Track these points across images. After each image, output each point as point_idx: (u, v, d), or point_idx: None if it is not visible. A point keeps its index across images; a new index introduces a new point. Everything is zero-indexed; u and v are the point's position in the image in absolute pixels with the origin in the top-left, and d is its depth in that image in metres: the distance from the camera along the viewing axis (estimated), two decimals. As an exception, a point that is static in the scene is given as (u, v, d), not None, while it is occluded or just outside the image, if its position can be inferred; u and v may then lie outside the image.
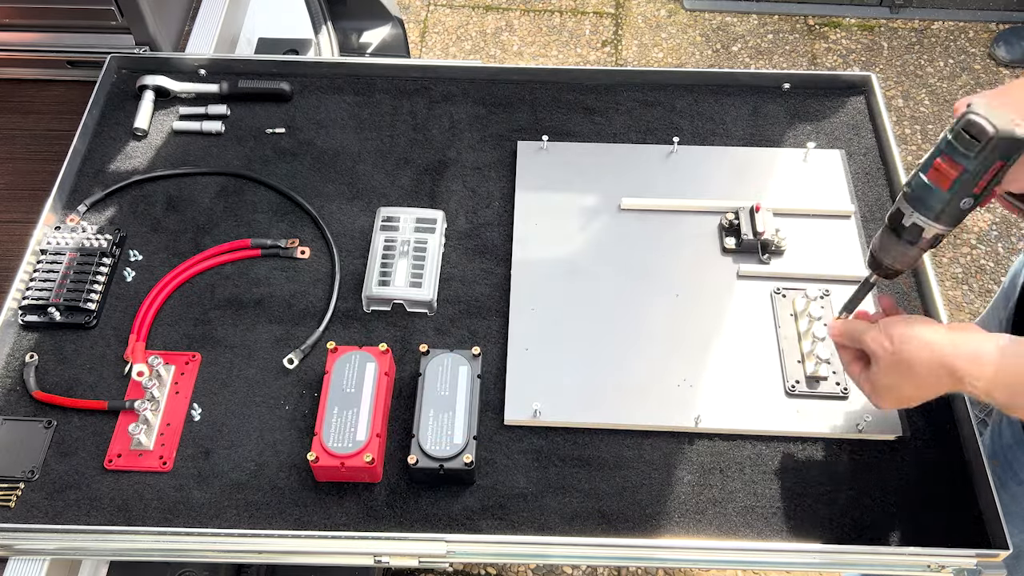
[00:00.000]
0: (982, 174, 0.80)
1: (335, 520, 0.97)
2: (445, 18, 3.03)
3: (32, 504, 0.97)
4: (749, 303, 1.12)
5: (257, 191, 1.24)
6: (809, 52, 2.91)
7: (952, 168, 0.80)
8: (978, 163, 0.79)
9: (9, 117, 1.43)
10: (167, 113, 1.33)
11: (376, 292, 1.11)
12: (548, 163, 1.26)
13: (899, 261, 0.89)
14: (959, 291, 2.35)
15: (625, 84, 1.36)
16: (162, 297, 1.12)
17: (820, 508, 0.97)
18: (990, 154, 0.78)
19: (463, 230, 1.21)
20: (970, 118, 0.78)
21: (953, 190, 0.81)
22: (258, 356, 1.09)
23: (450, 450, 0.96)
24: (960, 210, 0.83)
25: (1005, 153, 0.78)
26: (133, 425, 0.99)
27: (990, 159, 0.79)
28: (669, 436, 1.03)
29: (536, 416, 1.02)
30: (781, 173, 1.25)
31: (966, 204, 0.82)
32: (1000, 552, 0.93)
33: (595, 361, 1.07)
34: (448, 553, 0.95)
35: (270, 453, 1.01)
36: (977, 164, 0.79)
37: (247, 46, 1.65)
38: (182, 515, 0.97)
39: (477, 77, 1.37)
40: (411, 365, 1.07)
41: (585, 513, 0.97)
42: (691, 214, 1.21)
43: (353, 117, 1.33)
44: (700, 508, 0.98)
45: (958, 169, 0.80)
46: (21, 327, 1.10)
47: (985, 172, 0.80)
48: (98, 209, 1.22)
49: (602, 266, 1.16)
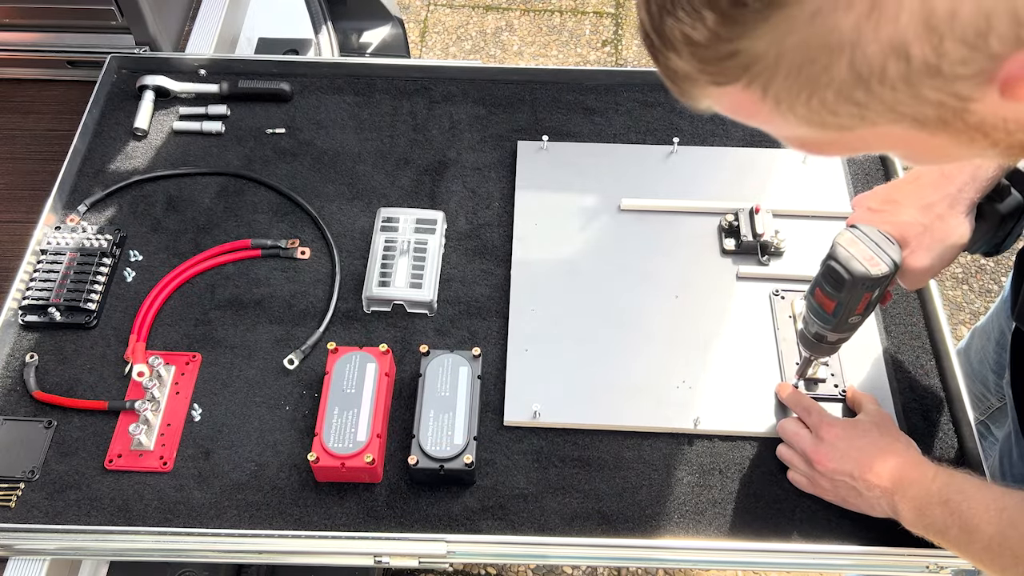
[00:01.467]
0: (855, 304, 0.87)
1: (335, 520, 0.97)
2: (445, 18, 3.03)
3: (32, 504, 0.97)
4: (748, 305, 1.12)
5: (257, 191, 1.25)
6: (809, 52, 2.91)
7: (828, 300, 0.88)
8: (848, 297, 0.86)
9: (9, 117, 1.43)
10: (167, 113, 1.33)
11: (376, 293, 1.11)
12: (548, 163, 1.26)
13: (819, 354, 0.98)
14: (959, 291, 2.36)
15: (625, 84, 1.36)
16: (162, 297, 1.12)
17: (820, 508, 0.97)
18: (854, 291, 0.85)
19: (463, 230, 1.21)
20: (829, 264, 0.85)
21: (837, 315, 0.88)
22: (258, 356, 1.09)
23: (450, 450, 0.96)
24: (851, 324, 0.90)
25: (870, 287, 0.85)
26: (133, 425, 0.99)
27: (858, 294, 0.86)
28: (669, 437, 1.03)
29: (536, 417, 1.02)
30: (781, 174, 1.25)
31: (855, 320, 0.90)
32: (999, 553, 0.93)
33: (595, 362, 1.07)
34: (448, 553, 0.95)
35: (270, 453, 1.01)
36: (847, 298, 0.86)
37: (247, 46, 1.65)
38: (182, 515, 0.97)
39: (477, 77, 1.38)
40: (411, 366, 1.08)
41: (585, 513, 0.97)
42: (691, 215, 1.21)
43: (353, 117, 1.33)
44: (700, 508, 0.98)
45: (834, 302, 0.87)
46: (21, 327, 1.10)
47: (857, 303, 0.87)
48: (98, 209, 1.22)
49: (602, 267, 1.16)
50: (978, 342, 1.31)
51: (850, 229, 0.87)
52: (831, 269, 0.85)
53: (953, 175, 0.90)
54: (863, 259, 0.84)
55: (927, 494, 0.85)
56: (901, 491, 0.87)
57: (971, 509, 0.82)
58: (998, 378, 1.25)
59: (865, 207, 0.93)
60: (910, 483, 0.87)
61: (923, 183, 0.91)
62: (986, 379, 1.28)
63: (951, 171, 0.90)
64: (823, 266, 0.87)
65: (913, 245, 0.88)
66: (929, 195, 0.89)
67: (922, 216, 0.89)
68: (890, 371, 1.06)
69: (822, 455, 0.92)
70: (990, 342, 1.26)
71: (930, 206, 0.89)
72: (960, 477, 0.85)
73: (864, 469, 0.90)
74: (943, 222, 0.88)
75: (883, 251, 0.85)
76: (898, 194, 0.92)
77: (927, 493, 0.85)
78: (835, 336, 0.92)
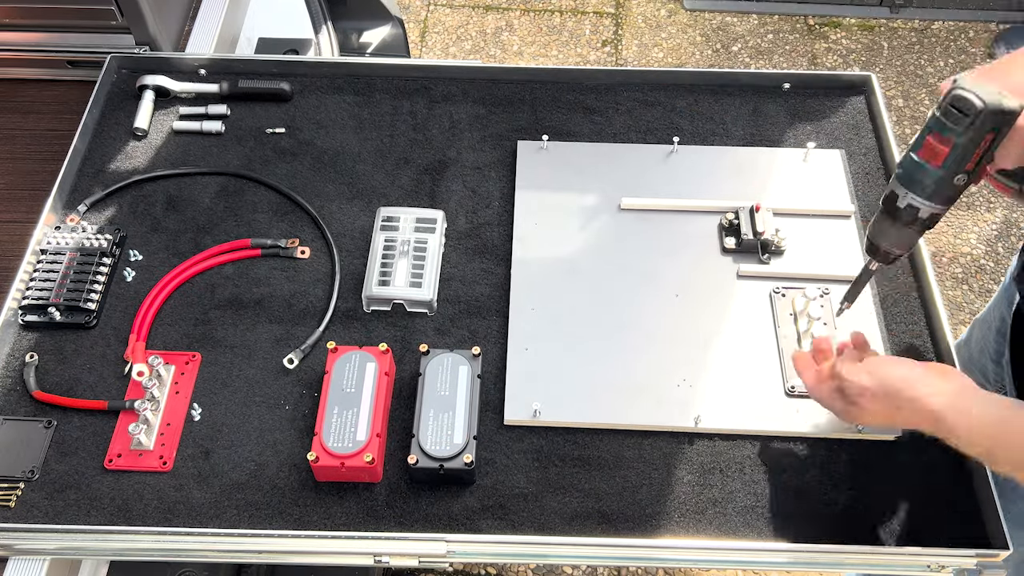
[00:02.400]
0: (973, 148, 0.80)
1: (335, 520, 0.97)
2: (445, 18, 3.03)
3: (32, 504, 0.97)
4: (749, 303, 1.12)
5: (257, 191, 1.24)
6: (809, 52, 2.91)
7: (943, 144, 0.80)
8: (968, 137, 0.79)
9: (9, 117, 1.43)
10: (167, 113, 1.33)
11: (376, 292, 1.11)
12: (548, 163, 1.26)
13: (896, 245, 0.89)
14: (959, 291, 2.35)
15: (625, 84, 1.36)
16: (162, 297, 1.12)
17: (820, 508, 0.97)
18: (980, 127, 0.78)
19: (463, 230, 1.21)
20: (957, 93, 0.78)
21: (945, 167, 0.81)
22: (258, 356, 1.09)
23: (450, 450, 0.96)
24: (954, 187, 0.83)
25: (994, 125, 0.78)
26: (133, 425, 0.99)
27: (980, 132, 0.79)
28: (669, 436, 1.03)
29: (536, 416, 1.02)
30: (781, 173, 1.25)
31: (960, 181, 0.82)
32: (1000, 552, 0.93)
33: (595, 361, 1.07)
34: (448, 553, 0.95)
35: (270, 453, 1.01)
36: (967, 138, 0.79)
37: (247, 46, 1.65)
38: (182, 515, 0.97)
39: (477, 77, 1.37)
40: (411, 365, 1.07)
41: (585, 513, 0.97)
42: (691, 214, 1.21)
43: (353, 117, 1.33)
44: (700, 508, 0.98)
45: (949, 144, 0.80)
46: (21, 327, 1.10)
47: (976, 146, 0.79)
48: (98, 209, 1.22)
49: (602, 266, 1.16)
50: (978, 332, 1.33)
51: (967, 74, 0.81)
52: (959, 98, 0.78)
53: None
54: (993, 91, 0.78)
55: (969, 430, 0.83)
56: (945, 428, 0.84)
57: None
58: (997, 366, 1.26)
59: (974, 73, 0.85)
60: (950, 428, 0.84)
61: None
62: (985, 368, 1.29)
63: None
64: (946, 101, 0.79)
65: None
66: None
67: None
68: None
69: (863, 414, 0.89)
70: (990, 331, 1.27)
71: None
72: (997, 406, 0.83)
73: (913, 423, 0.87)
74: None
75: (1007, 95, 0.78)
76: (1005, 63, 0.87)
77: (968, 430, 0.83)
78: (928, 209, 0.84)
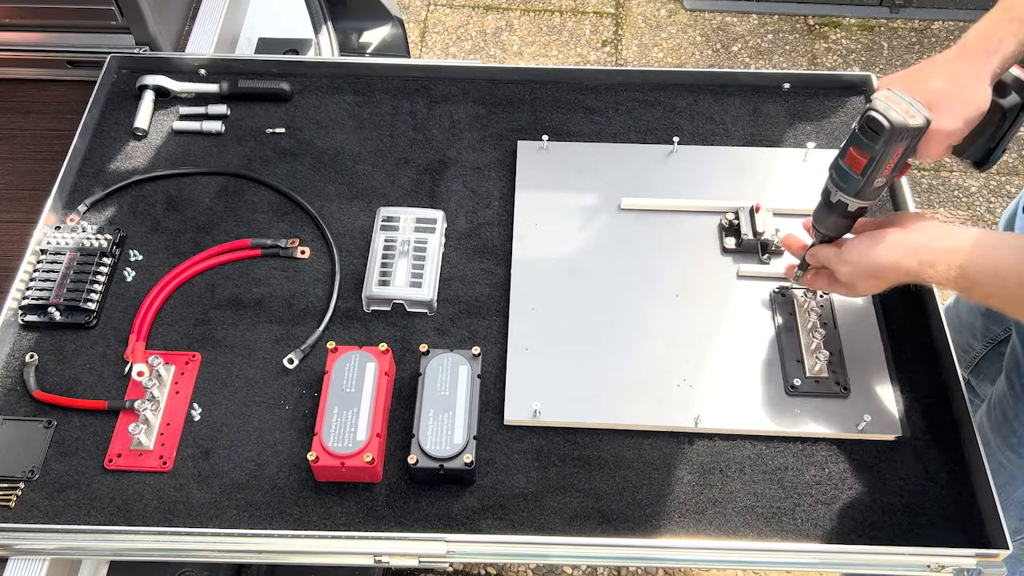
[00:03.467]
0: (887, 159, 0.90)
1: (335, 520, 0.97)
2: (445, 18, 3.03)
3: (32, 504, 0.97)
4: (749, 303, 1.12)
5: (257, 191, 1.24)
6: (809, 52, 2.91)
7: (861, 156, 0.91)
8: (881, 152, 0.89)
9: (9, 117, 1.43)
10: (167, 113, 1.33)
11: (376, 292, 1.11)
12: (548, 163, 1.26)
13: (832, 230, 1.00)
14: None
15: (625, 84, 1.36)
16: (162, 297, 1.12)
17: (820, 508, 0.97)
18: (890, 143, 0.89)
19: (463, 230, 1.21)
20: (869, 114, 0.89)
21: (865, 174, 0.92)
22: (258, 356, 1.09)
23: (450, 450, 0.96)
24: (876, 188, 0.94)
25: (904, 140, 0.89)
26: (133, 425, 0.99)
27: (892, 147, 0.89)
28: (669, 436, 1.03)
29: (536, 416, 1.02)
30: (781, 173, 1.25)
31: (879, 182, 0.93)
32: (1000, 552, 0.93)
33: (595, 361, 1.07)
34: (448, 553, 0.95)
35: (270, 453, 1.01)
36: (881, 153, 0.89)
37: (247, 46, 1.65)
38: (182, 515, 0.97)
39: (477, 77, 1.37)
40: (411, 365, 1.07)
41: (585, 513, 0.97)
42: (691, 214, 1.21)
43: (353, 117, 1.33)
44: (700, 508, 0.98)
45: (866, 157, 0.91)
46: (21, 327, 1.10)
47: (889, 157, 0.90)
48: (98, 209, 1.22)
49: (602, 266, 1.16)
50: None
51: (885, 90, 0.91)
52: (870, 119, 0.88)
53: (977, 49, 0.94)
54: (900, 111, 0.88)
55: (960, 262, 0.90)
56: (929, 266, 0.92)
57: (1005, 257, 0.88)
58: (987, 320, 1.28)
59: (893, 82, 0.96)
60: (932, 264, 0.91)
61: (948, 57, 0.95)
62: (974, 325, 1.32)
63: (975, 46, 0.94)
64: (861, 119, 0.90)
65: (942, 108, 0.91)
66: (954, 66, 0.94)
67: (949, 84, 0.93)
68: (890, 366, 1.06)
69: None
70: None
71: (956, 75, 0.93)
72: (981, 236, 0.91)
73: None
74: (969, 89, 0.93)
75: (916, 109, 0.88)
76: (924, 68, 0.96)
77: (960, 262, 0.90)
78: (856, 204, 0.95)
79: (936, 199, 2.56)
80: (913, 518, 0.97)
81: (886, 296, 1.13)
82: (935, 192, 2.57)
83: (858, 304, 1.12)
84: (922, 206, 2.54)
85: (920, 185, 2.58)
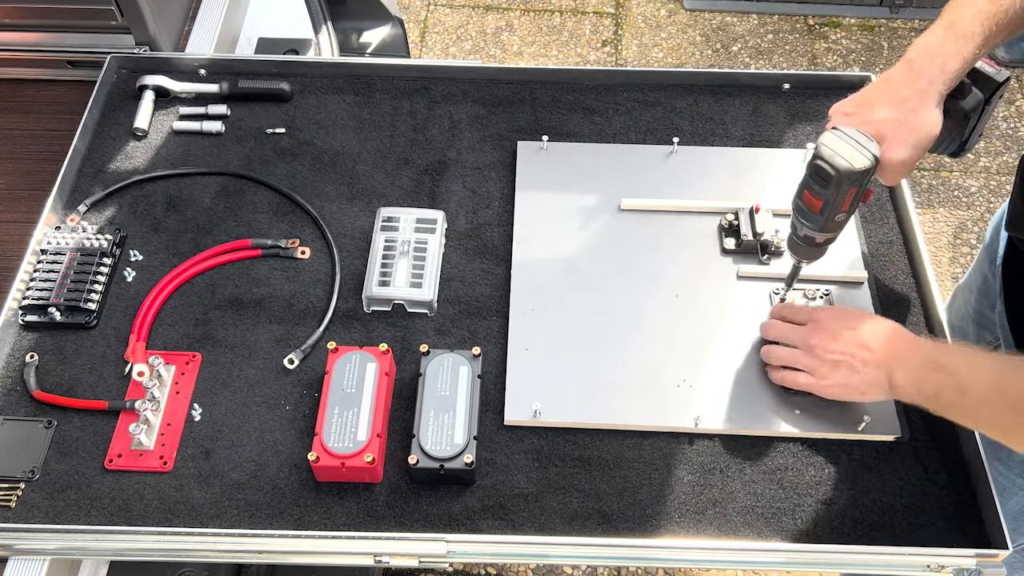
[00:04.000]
0: (842, 200, 0.92)
1: (335, 520, 0.97)
2: (445, 18, 3.03)
3: (32, 504, 0.97)
4: (749, 304, 1.12)
5: (257, 191, 1.24)
6: (809, 52, 2.91)
7: (815, 199, 0.93)
8: (834, 195, 0.91)
9: (9, 117, 1.43)
10: (167, 113, 1.33)
11: (376, 292, 1.11)
12: (548, 163, 1.26)
13: (808, 257, 1.02)
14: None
15: (625, 84, 1.36)
16: (162, 297, 1.12)
17: (820, 508, 0.97)
18: (840, 187, 0.90)
19: (463, 230, 1.21)
20: (816, 163, 0.90)
21: (824, 213, 0.93)
22: (258, 356, 1.09)
23: (450, 450, 0.96)
24: (837, 222, 0.95)
25: (853, 183, 0.90)
26: (133, 425, 0.99)
27: (843, 190, 0.90)
28: (669, 436, 1.03)
29: (536, 416, 1.02)
30: (781, 173, 1.25)
31: (841, 218, 0.95)
32: (1000, 552, 0.93)
33: (595, 361, 1.07)
34: (448, 553, 0.95)
35: (270, 453, 1.01)
36: (833, 196, 0.91)
37: (247, 46, 1.65)
38: (182, 515, 0.97)
39: (477, 77, 1.38)
40: (411, 365, 1.08)
41: (585, 513, 0.97)
42: (691, 214, 1.21)
43: (353, 117, 1.33)
44: (700, 508, 0.98)
45: (820, 200, 0.92)
46: (21, 327, 1.10)
47: (843, 199, 0.92)
48: (98, 209, 1.22)
49: (602, 266, 1.16)
50: (960, 296, 1.36)
51: (831, 131, 0.91)
52: (817, 168, 0.90)
53: (922, 70, 0.94)
54: (846, 156, 0.89)
55: (922, 360, 0.90)
56: (896, 361, 0.92)
57: (965, 368, 0.87)
58: (978, 328, 1.27)
59: (841, 112, 0.98)
60: (904, 352, 0.92)
61: (893, 81, 0.96)
62: (966, 333, 1.32)
63: (920, 66, 0.94)
64: (809, 167, 0.92)
65: (890, 140, 0.92)
66: (900, 91, 0.94)
67: (896, 112, 0.93)
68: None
69: (821, 336, 0.98)
70: (972, 294, 1.30)
71: (903, 101, 0.93)
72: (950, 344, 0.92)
73: (860, 345, 0.95)
74: (916, 114, 0.93)
75: (863, 147, 0.89)
76: (870, 96, 0.97)
77: (922, 360, 0.90)
78: (823, 237, 0.97)
79: (936, 199, 2.56)
80: (913, 518, 0.97)
81: (885, 297, 1.14)
82: (935, 192, 2.57)
83: (858, 306, 1.12)
84: (922, 206, 2.54)
85: (920, 185, 2.59)
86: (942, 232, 2.49)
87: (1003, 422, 0.85)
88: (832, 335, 0.97)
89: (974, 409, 0.87)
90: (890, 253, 1.18)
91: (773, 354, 1.03)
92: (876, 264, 1.17)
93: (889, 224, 1.21)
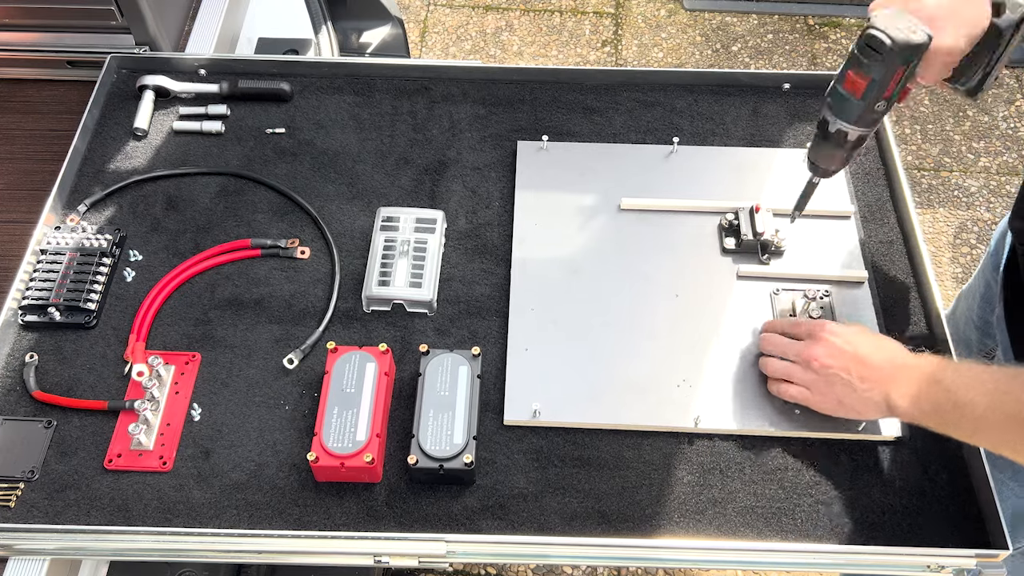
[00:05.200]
0: (889, 80, 0.88)
1: (335, 520, 0.97)
2: (445, 18, 3.03)
3: (32, 504, 0.97)
4: (749, 303, 1.12)
5: (257, 191, 1.24)
6: (809, 52, 2.91)
7: (861, 79, 0.89)
8: (882, 72, 0.87)
9: (9, 117, 1.43)
10: (167, 113, 1.33)
11: (376, 292, 1.11)
12: (548, 163, 1.26)
13: (831, 163, 1.00)
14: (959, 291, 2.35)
15: (625, 84, 1.36)
16: (162, 297, 1.12)
17: (820, 508, 0.97)
18: (892, 62, 0.87)
19: (463, 230, 1.21)
20: (870, 32, 0.87)
21: (866, 98, 0.90)
22: (258, 356, 1.09)
23: (450, 450, 0.96)
24: (876, 112, 0.92)
25: (906, 59, 0.87)
26: (133, 425, 0.99)
27: (893, 66, 0.87)
28: (669, 436, 1.03)
29: (536, 416, 1.02)
30: (781, 173, 1.25)
31: (880, 107, 0.92)
32: (1000, 552, 0.93)
33: (595, 361, 1.07)
34: (448, 553, 0.95)
35: (270, 453, 1.01)
36: (882, 73, 0.88)
37: (247, 46, 1.65)
38: (182, 515, 0.97)
39: (477, 77, 1.38)
40: (411, 365, 1.07)
41: (585, 513, 0.97)
42: (691, 214, 1.21)
43: (353, 117, 1.33)
44: (700, 508, 0.98)
45: (867, 80, 0.88)
46: (21, 327, 1.10)
47: (891, 78, 0.88)
48: (98, 209, 1.22)
49: (602, 266, 1.16)
50: (964, 303, 1.36)
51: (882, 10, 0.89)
52: (871, 37, 0.86)
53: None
54: (903, 27, 0.86)
55: (920, 376, 0.89)
56: (894, 379, 0.91)
57: (964, 384, 0.85)
58: (981, 334, 1.27)
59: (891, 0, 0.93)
60: (902, 369, 0.91)
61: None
62: (969, 339, 1.31)
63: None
64: (860, 40, 0.88)
65: (942, 26, 0.89)
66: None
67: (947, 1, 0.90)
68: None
69: (818, 352, 0.96)
70: (975, 299, 1.29)
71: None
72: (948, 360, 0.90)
73: (858, 362, 0.94)
74: (967, 6, 0.91)
75: (917, 25, 0.86)
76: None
77: (920, 376, 0.89)
78: (856, 132, 0.93)
79: (936, 199, 2.56)
80: (913, 518, 0.97)
81: (886, 297, 1.14)
82: (935, 192, 2.57)
83: (858, 306, 1.12)
84: (922, 206, 2.54)
85: (920, 185, 2.58)
86: (942, 232, 2.49)
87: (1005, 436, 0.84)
88: (830, 351, 0.96)
89: (972, 424, 0.85)
90: (890, 253, 1.18)
91: (771, 366, 1.03)
92: (876, 264, 1.17)
93: (889, 224, 1.21)
